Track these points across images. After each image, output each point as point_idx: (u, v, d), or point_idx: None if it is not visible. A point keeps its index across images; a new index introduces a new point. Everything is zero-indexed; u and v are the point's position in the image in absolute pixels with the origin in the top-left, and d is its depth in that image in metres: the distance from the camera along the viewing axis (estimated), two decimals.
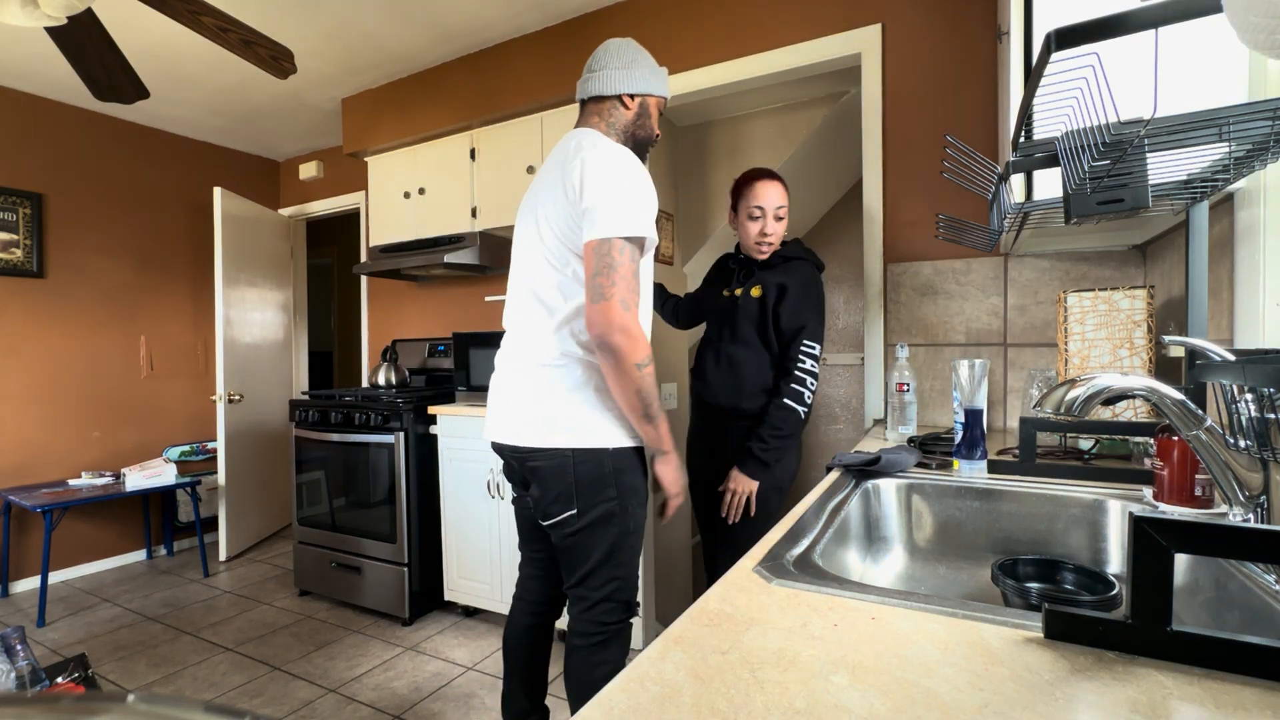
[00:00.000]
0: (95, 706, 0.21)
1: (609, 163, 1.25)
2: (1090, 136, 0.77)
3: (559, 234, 1.29)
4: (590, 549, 1.31)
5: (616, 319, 1.19)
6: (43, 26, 1.58)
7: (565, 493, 1.29)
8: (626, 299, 1.20)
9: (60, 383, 3.35)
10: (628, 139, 1.41)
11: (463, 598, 2.64)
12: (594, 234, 1.21)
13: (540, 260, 1.34)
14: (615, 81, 1.38)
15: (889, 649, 0.51)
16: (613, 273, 1.19)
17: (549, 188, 1.33)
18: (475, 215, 2.89)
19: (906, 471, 1.18)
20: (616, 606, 1.34)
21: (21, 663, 1.66)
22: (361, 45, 2.82)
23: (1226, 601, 0.68)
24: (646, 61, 1.41)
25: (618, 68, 1.38)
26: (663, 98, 1.45)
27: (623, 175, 1.24)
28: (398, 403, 2.65)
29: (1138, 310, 1.34)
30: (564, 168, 1.29)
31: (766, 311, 1.72)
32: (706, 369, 1.81)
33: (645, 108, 1.41)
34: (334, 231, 5.64)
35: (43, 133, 3.30)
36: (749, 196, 1.72)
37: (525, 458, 1.33)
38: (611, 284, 1.19)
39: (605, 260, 1.20)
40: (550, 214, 1.31)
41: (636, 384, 1.23)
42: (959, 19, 1.93)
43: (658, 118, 1.46)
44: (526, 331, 1.36)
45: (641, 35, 2.45)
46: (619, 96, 1.39)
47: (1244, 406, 0.67)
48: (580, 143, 1.31)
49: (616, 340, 1.19)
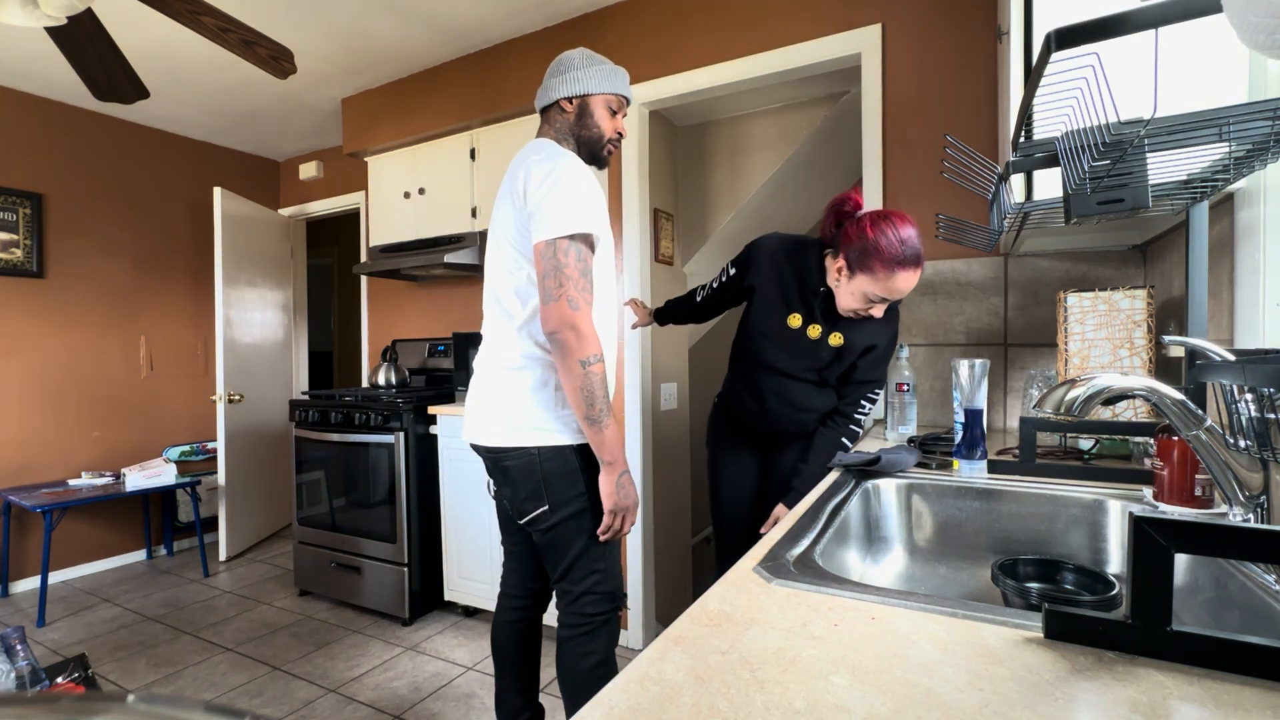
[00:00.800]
0: (95, 706, 0.21)
1: (548, 167, 1.29)
2: (1090, 136, 0.77)
3: (512, 241, 1.36)
4: (568, 544, 1.36)
5: (566, 316, 1.25)
6: (43, 26, 1.58)
7: (535, 490, 1.34)
8: (574, 297, 1.25)
9: (60, 383, 3.35)
10: (574, 142, 1.45)
11: (463, 598, 2.64)
12: (539, 236, 1.27)
13: (499, 267, 1.40)
14: (553, 89, 1.44)
15: (889, 649, 0.51)
16: (559, 273, 1.25)
17: (503, 198, 1.40)
18: (475, 215, 2.89)
19: (907, 471, 1.18)
20: (600, 598, 1.38)
21: (21, 663, 1.66)
22: (361, 45, 2.82)
23: (1226, 601, 0.68)
24: (590, 64, 1.44)
25: (556, 74, 1.44)
26: (613, 95, 1.45)
27: (560, 177, 1.28)
28: (398, 403, 2.65)
29: (1138, 310, 1.34)
30: (512, 177, 1.36)
31: (841, 359, 1.53)
32: (767, 397, 1.62)
33: (586, 108, 1.43)
34: (334, 231, 5.64)
35: (43, 133, 3.30)
36: (881, 283, 1.34)
37: (498, 458, 1.38)
38: (559, 284, 1.25)
39: (552, 262, 1.25)
40: (504, 222, 1.38)
41: (579, 381, 1.27)
42: (959, 19, 1.93)
43: (610, 117, 1.46)
44: (493, 336, 1.43)
45: (641, 35, 2.46)
46: (557, 102, 1.44)
47: (1244, 406, 0.67)
48: (526, 151, 1.38)
49: (564, 336, 1.25)
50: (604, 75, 1.44)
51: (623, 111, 1.49)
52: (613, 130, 1.47)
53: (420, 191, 3.07)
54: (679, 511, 2.89)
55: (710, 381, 3.03)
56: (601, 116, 1.45)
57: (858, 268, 1.36)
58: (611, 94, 1.45)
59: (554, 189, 1.27)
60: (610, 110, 1.46)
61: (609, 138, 1.47)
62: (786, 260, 1.53)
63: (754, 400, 1.65)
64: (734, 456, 1.79)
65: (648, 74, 2.44)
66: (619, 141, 1.49)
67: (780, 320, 1.53)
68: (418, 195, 3.08)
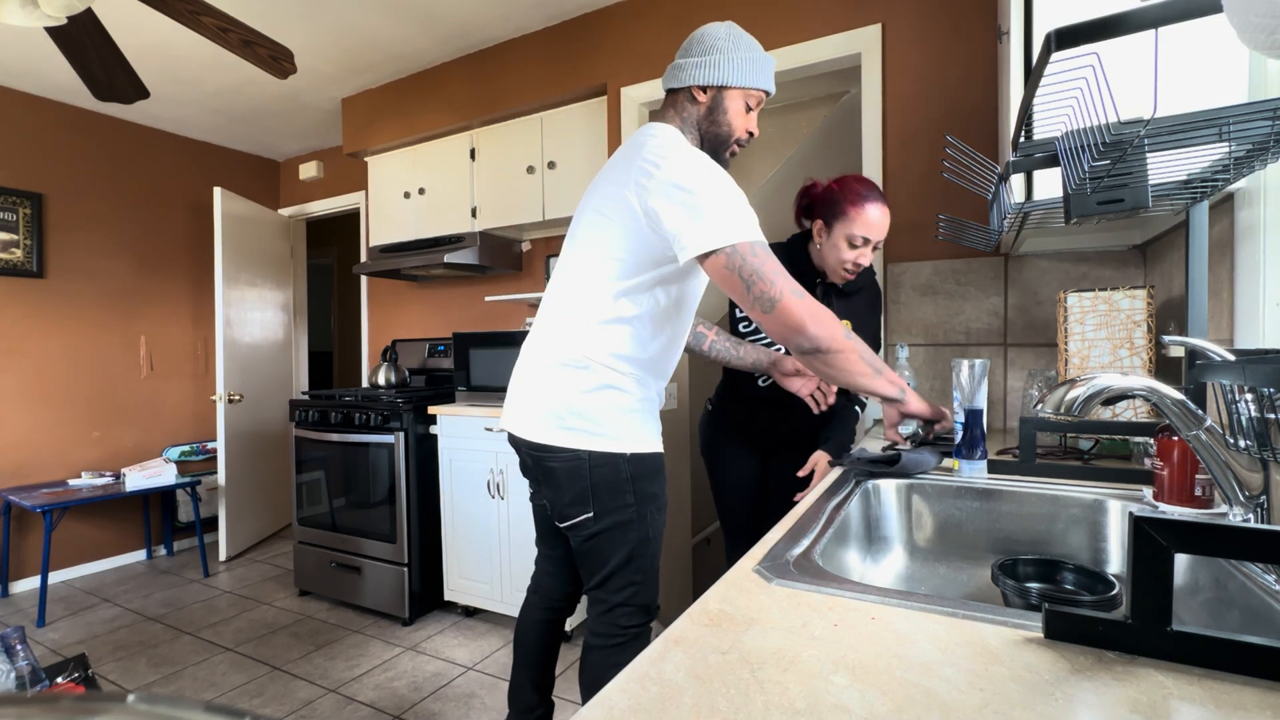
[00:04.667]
0: (95, 706, 0.21)
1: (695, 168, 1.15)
2: (1090, 136, 0.77)
3: (619, 239, 1.20)
4: (609, 553, 1.29)
5: (805, 308, 1.11)
6: (43, 26, 1.58)
7: (581, 495, 1.25)
8: (795, 287, 1.12)
9: (60, 383, 3.35)
10: (700, 136, 1.30)
11: (463, 598, 2.64)
12: (713, 244, 1.10)
13: (583, 263, 1.26)
14: (687, 71, 1.27)
15: (889, 649, 0.51)
16: (760, 276, 1.10)
17: (611, 183, 1.24)
18: (475, 215, 2.89)
19: (929, 472, 1.17)
20: (635, 610, 1.32)
21: (21, 663, 1.66)
22: (361, 45, 2.82)
23: (1226, 601, 0.68)
24: (734, 50, 1.26)
25: (695, 53, 1.27)
26: (754, 90, 1.29)
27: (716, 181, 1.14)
28: (398, 403, 2.65)
29: (1138, 310, 1.34)
30: (628, 157, 1.22)
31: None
32: (769, 400, 1.66)
33: (720, 102, 1.28)
34: (334, 231, 5.64)
35: (43, 133, 3.30)
36: (855, 221, 1.47)
37: (541, 456, 1.28)
38: (769, 283, 1.10)
39: (748, 267, 1.10)
40: (612, 216, 1.22)
41: (836, 366, 1.15)
42: (959, 19, 1.93)
43: (744, 114, 1.30)
44: (553, 328, 1.30)
45: (641, 35, 2.45)
46: (689, 89, 1.28)
47: (1244, 406, 0.67)
48: (655, 138, 1.21)
49: (813, 331, 1.11)
50: (750, 65, 1.26)
51: (760, 106, 1.33)
52: (744, 129, 1.31)
53: (420, 191, 3.07)
54: (679, 511, 2.89)
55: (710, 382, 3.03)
56: (736, 112, 1.29)
57: (833, 218, 1.50)
58: (753, 89, 1.28)
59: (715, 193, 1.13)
60: (746, 106, 1.30)
61: (738, 137, 1.31)
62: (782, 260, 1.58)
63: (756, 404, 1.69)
64: (736, 458, 1.80)
65: (647, 74, 2.44)
66: (747, 142, 1.34)
67: None
68: (418, 195, 3.08)
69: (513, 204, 2.78)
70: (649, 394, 1.30)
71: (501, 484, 2.50)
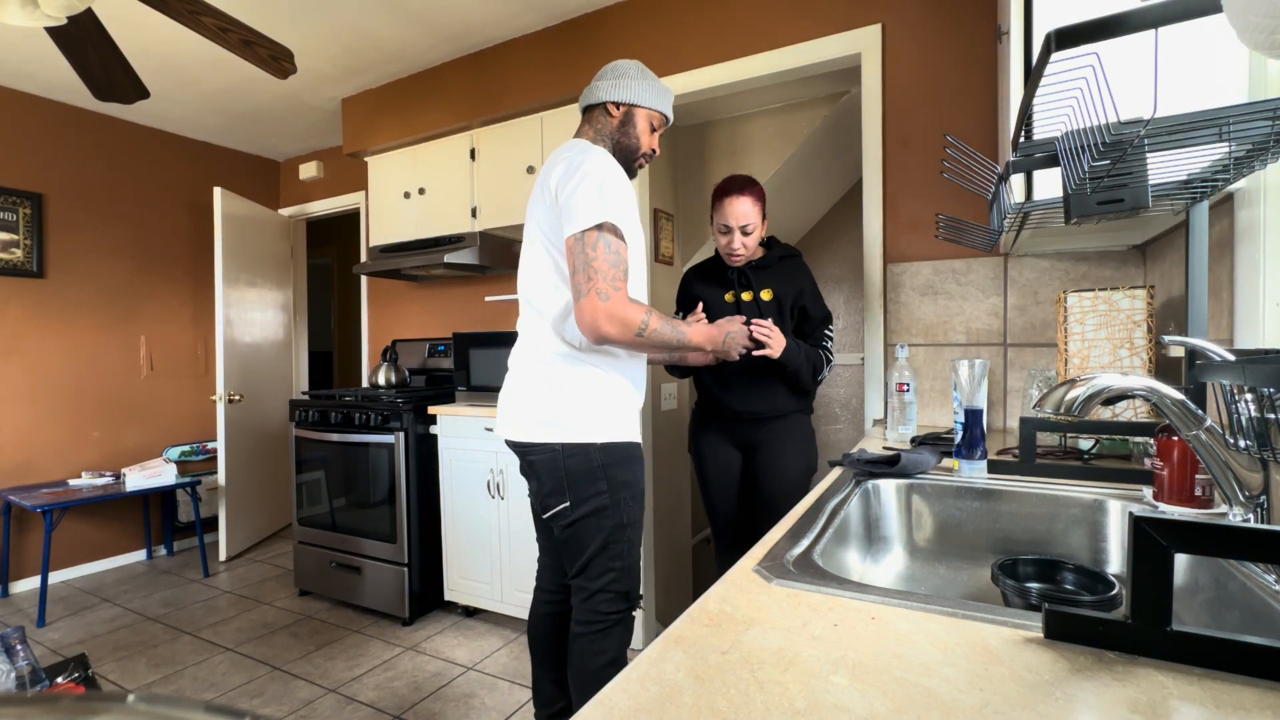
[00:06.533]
0: (95, 706, 0.21)
1: (577, 162, 1.31)
2: (1090, 136, 0.77)
3: (544, 235, 1.38)
4: (586, 541, 1.38)
5: (600, 310, 1.26)
6: (43, 26, 1.58)
7: (558, 486, 1.36)
8: (603, 289, 1.26)
9: (60, 383, 3.35)
10: (613, 146, 1.47)
11: (463, 598, 2.64)
12: (569, 231, 1.29)
13: (532, 264, 1.43)
14: (601, 91, 1.45)
15: (889, 649, 0.51)
16: (589, 268, 1.26)
17: (536, 195, 1.43)
18: (475, 215, 2.89)
19: (928, 472, 1.17)
20: (615, 597, 1.39)
21: (21, 663, 1.66)
22: (361, 45, 2.82)
23: (1226, 601, 0.68)
24: (643, 78, 1.47)
25: (608, 78, 1.46)
26: (657, 112, 1.49)
27: (588, 171, 1.30)
28: (398, 403, 2.65)
29: (1138, 310, 1.34)
30: (545, 173, 1.39)
31: (784, 311, 1.78)
32: (730, 377, 1.79)
33: (631, 117, 1.46)
34: (334, 231, 5.64)
35: (43, 133, 3.30)
36: (718, 212, 1.73)
37: (525, 452, 1.41)
38: (588, 278, 1.26)
39: (581, 257, 1.27)
40: (536, 219, 1.40)
41: (651, 345, 1.34)
42: (959, 19, 1.93)
43: (649, 133, 1.49)
44: (525, 332, 1.46)
45: (641, 35, 2.45)
46: (604, 104, 1.46)
47: (1244, 406, 0.67)
48: (561, 149, 1.41)
49: (605, 331, 1.26)
50: (654, 91, 1.47)
51: (661, 130, 1.53)
52: (648, 146, 1.50)
53: (420, 191, 3.07)
54: (679, 511, 2.89)
55: None
56: (643, 129, 1.48)
57: (712, 212, 1.77)
58: (656, 110, 1.49)
59: (582, 182, 1.28)
60: (651, 126, 1.50)
61: (644, 151, 1.50)
62: (704, 268, 1.90)
63: (723, 382, 1.81)
64: (716, 450, 1.88)
65: None
66: (651, 157, 1.53)
67: (721, 302, 1.83)
68: (418, 195, 3.08)
69: (513, 204, 2.78)
70: (616, 379, 1.40)
71: (501, 484, 2.50)
